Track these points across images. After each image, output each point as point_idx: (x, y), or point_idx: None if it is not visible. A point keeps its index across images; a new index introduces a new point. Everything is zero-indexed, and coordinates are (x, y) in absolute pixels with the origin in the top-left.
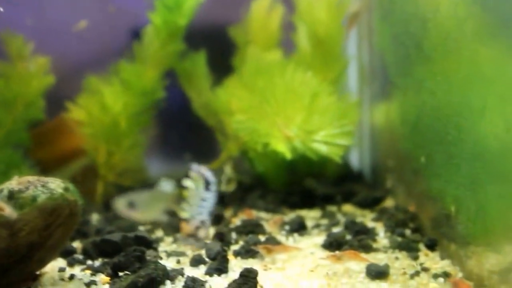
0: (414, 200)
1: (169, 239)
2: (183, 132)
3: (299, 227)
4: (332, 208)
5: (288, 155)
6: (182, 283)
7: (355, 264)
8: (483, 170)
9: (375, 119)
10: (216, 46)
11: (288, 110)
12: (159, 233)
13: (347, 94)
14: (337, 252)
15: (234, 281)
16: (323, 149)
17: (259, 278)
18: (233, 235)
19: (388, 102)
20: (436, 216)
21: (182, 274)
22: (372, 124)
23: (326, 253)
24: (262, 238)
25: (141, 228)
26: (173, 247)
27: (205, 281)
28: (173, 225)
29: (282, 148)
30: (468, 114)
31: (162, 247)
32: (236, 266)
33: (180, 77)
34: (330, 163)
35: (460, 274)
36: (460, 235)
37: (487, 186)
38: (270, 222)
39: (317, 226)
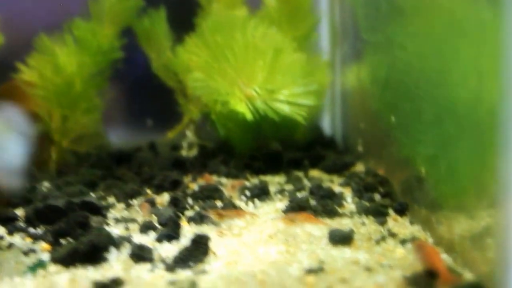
0: (385, 164)
1: (121, 205)
2: (145, 95)
3: (260, 193)
4: (299, 173)
5: (249, 116)
6: (129, 250)
7: (317, 230)
8: (454, 126)
9: (347, 81)
10: (177, 3)
11: (249, 67)
12: (111, 199)
13: (317, 54)
14: (291, 214)
15: (185, 247)
16: (285, 109)
17: (213, 245)
18: (189, 201)
19: (359, 62)
20: (406, 179)
21: (130, 241)
22: (344, 86)
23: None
24: (220, 204)
25: (93, 194)
26: (125, 213)
27: (154, 248)
28: None
29: (242, 108)
30: (441, 67)
31: (113, 214)
32: (189, 232)
33: (139, 36)
34: (299, 127)
35: (430, 240)
36: (431, 199)
37: (459, 143)
38: (227, 187)
39: (280, 191)
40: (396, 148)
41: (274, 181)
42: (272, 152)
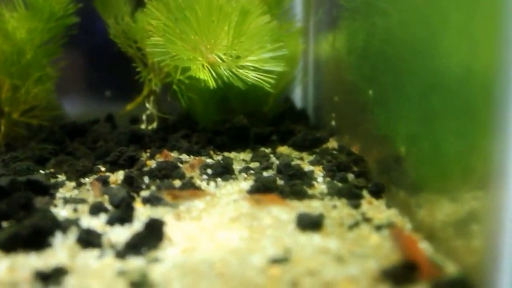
0: (360, 141)
1: (71, 184)
2: (103, 65)
3: (223, 171)
4: (266, 150)
5: (211, 83)
6: (76, 235)
7: (284, 213)
8: (441, 102)
9: (321, 51)
10: None
11: (212, 31)
12: (61, 177)
13: (290, 21)
14: (256, 195)
15: (138, 233)
16: (251, 76)
17: (168, 229)
18: (146, 180)
19: (335, 30)
20: (383, 158)
21: (77, 225)
22: (318, 56)
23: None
24: (178, 183)
25: (42, 172)
26: (75, 193)
27: (103, 233)
28: None
29: (205, 76)
30: (426, 36)
31: (62, 193)
32: (144, 215)
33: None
34: (268, 99)
35: (408, 226)
36: (411, 180)
37: (445, 121)
38: (186, 165)
39: (245, 170)
40: (373, 124)
41: (239, 158)
42: (237, 127)
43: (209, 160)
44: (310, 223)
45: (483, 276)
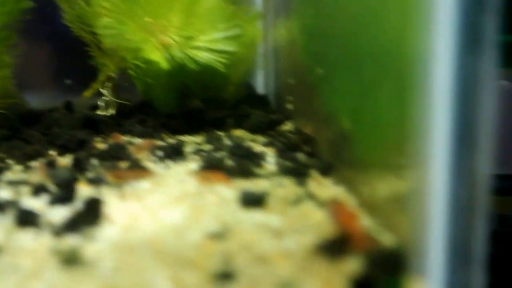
0: (311, 121)
1: (19, 167)
2: (63, 51)
3: (173, 153)
4: (221, 133)
5: (165, 65)
6: (14, 215)
7: (229, 192)
8: (376, 74)
9: (279, 36)
10: None
11: (165, 12)
12: (10, 161)
13: (248, 5)
14: (203, 173)
15: (76, 212)
16: (203, 56)
17: (111, 209)
18: (94, 162)
19: (290, 13)
20: (331, 136)
21: (17, 205)
22: (277, 40)
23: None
24: (126, 165)
25: None
26: (21, 176)
27: (43, 213)
28: None
29: (157, 57)
30: (365, 11)
31: (8, 176)
32: (87, 195)
33: None
34: (228, 85)
35: (354, 202)
36: (355, 157)
37: (380, 94)
38: (134, 147)
39: (197, 151)
40: (321, 103)
41: (193, 141)
42: (192, 111)
43: (161, 143)
44: (254, 201)
45: (416, 247)
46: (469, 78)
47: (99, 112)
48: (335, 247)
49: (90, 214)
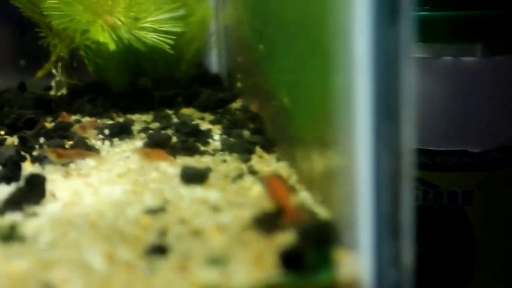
0: (257, 98)
1: None
2: (16, 32)
3: (120, 131)
4: (170, 112)
5: (112, 46)
6: None
7: (172, 168)
8: (310, 49)
9: (229, 14)
10: None
11: None
12: None
13: None
14: (145, 149)
15: (18, 189)
16: (150, 37)
17: (53, 186)
18: (40, 141)
19: None
20: (274, 113)
21: None
22: (227, 20)
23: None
24: (72, 143)
25: None
26: None
27: None
28: None
29: (105, 38)
30: None
31: None
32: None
33: None
34: (180, 64)
35: (294, 177)
36: (294, 132)
37: (311, 67)
38: (80, 126)
39: (145, 129)
40: (263, 78)
41: (141, 120)
42: (142, 90)
43: (109, 122)
44: (194, 176)
45: (345, 221)
46: (388, 50)
47: (51, 92)
48: (268, 221)
49: (33, 191)
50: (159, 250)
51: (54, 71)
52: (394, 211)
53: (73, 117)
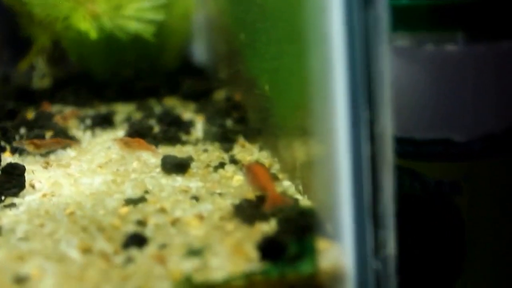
0: (239, 88)
1: None
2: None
3: (102, 121)
4: (152, 101)
5: (93, 35)
6: None
7: (154, 158)
8: (289, 35)
9: (212, 4)
10: None
11: None
12: None
13: None
14: (125, 138)
15: None
16: (132, 25)
17: (32, 177)
18: (21, 131)
19: None
20: (256, 101)
21: None
22: (210, 10)
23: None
24: (52, 133)
25: None
26: None
27: None
28: None
29: (86, 26)
30: None
31: None
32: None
33: None
34: (164, 54)
35: (276, 166)
36: (276, 122)
37: (292, 56)
38: (60, 116)
39: (127, 119)
40: (245, 67)
41: (124, 110)
42: (125, 80)
43: (91, 112)
44: (175, 166)
45: (326, 209)
46: (364, 36)
47: (35, 83)
48: (250, 209)
49: (11, 181)
50: (137, 241)
51: (36, 62)
52: (375, 199)
53: (55, 108)
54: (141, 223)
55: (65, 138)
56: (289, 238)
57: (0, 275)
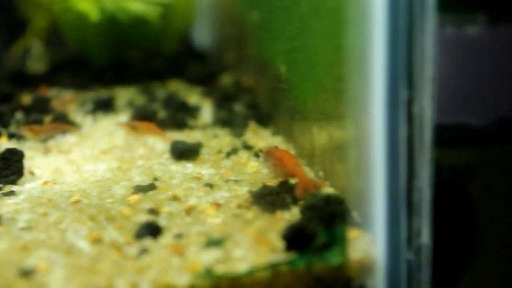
0: (250, 72)
1: None
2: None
3: (103, 106)
4: (155, 85)
5: (95, 16)
6: None
7: (161, 143)
8: (317, 12)
9: None
10: None
11: None
12: None
13: None
14: (132, 122)
15: None
16: (136, 7)
17: (31, 163)
18: (17, 116)
19: None
20: (269, 85)
21: None
22: None
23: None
24: (51, 118)
25: None
26: None
27: None
28: None
29: (87, 7)
30: None
31: None
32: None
33: None
34: (165, 37)
35: (292, 152)
36: (292, 104)
37: (320, 34)
38: (59, 100)
39: (129, 104)
40: (257, 50)
41: (126, 94)
42: (126, 62)
43: (90, 96)
44: (185, 152)
45: (357, 196)
46: (409, 10)
47: (30, 67)
48: (269, 197)
49: (9, 168)
50: (151, 230)
51: (31, 45)
52: (410, 184)
53: (52, 92)
54: (154, 211)
55: (65, 123)
56: (317, 226)
57: (4, 268)
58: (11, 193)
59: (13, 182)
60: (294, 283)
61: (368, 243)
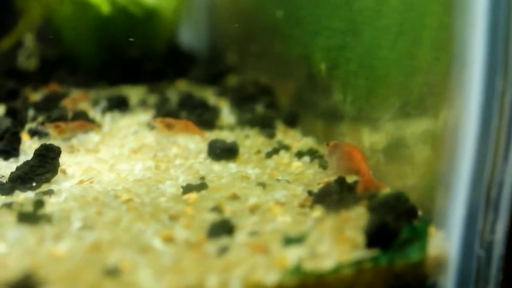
0: (268, 71)
1: None
2: None
3: (118, 104)
4: (162, 84)
5: (105, 8)
6: None
7: (193, 143)
8: (382, 6)
9: None
10: None
11: None
12: None
13: None
14: (168, 119)
15: (26, 162)
16: (150, 0)
17: (62, 161)
18: (31, 113)
19: None
20: (297, 86)
21: None
22: None
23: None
24: (68, 116)
25: None
26: None
27: None
28: None
29: (98, 0)
30: None
31: None
32: (31, 148)
33: None
34: (159, 37)
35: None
36: (332, 104)
37: (385, 29)
38: (68, 99)
39: (142, 103)
40: (283, 48)
41: (133, 93)
42: (129, 60)
43: (102, 94)
44: (224, 151)
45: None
46: (505, 9)
47: (21, 63)
48: (332, 195)
49: (44, 166)
50: (224, 228)
51: (26, 40)
52: (491, 179)
53: (59, 88)
54: (217, 210)
55: (86, 121)
56: (399, 223)
57: (85, 268)
58: (51, 192)
59: (48, 181)
60: (374, 280)
61: (442, 240)
